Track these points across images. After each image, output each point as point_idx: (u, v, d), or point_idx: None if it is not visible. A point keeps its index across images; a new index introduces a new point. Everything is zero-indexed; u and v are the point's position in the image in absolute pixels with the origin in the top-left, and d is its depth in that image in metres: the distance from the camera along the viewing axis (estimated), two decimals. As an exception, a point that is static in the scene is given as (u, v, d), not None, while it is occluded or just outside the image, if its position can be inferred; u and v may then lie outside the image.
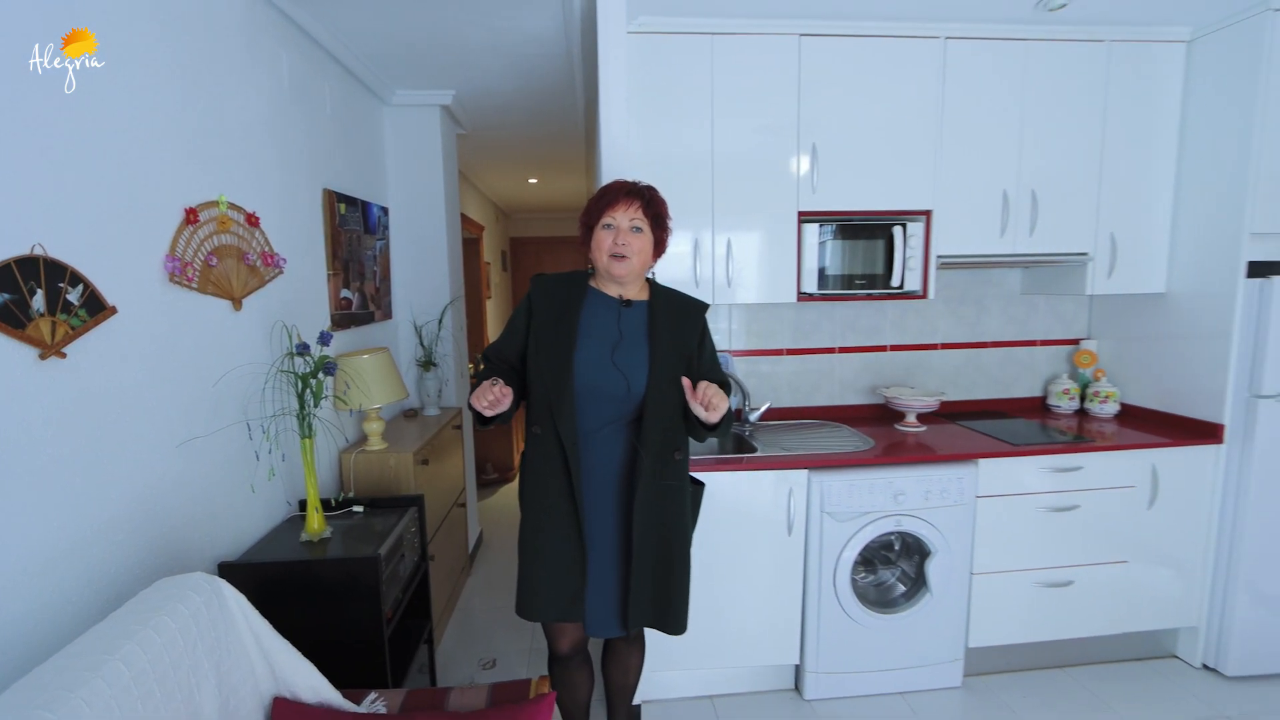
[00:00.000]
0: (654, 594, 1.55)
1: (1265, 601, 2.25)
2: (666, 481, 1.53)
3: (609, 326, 1.54)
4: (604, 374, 1.49)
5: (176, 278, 1.44)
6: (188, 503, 1.48)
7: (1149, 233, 2.39)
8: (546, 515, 1.52)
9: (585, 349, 1.50)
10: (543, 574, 1.52)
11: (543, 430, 1.51)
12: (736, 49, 2.14)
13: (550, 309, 1.54)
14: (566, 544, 1.51)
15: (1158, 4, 2.10)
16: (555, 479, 1.50)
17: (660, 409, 1.50)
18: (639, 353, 1.52)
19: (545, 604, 1.53)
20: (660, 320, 1.55)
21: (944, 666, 2.26)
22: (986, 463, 2.17)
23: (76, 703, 0.85)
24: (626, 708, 1.85)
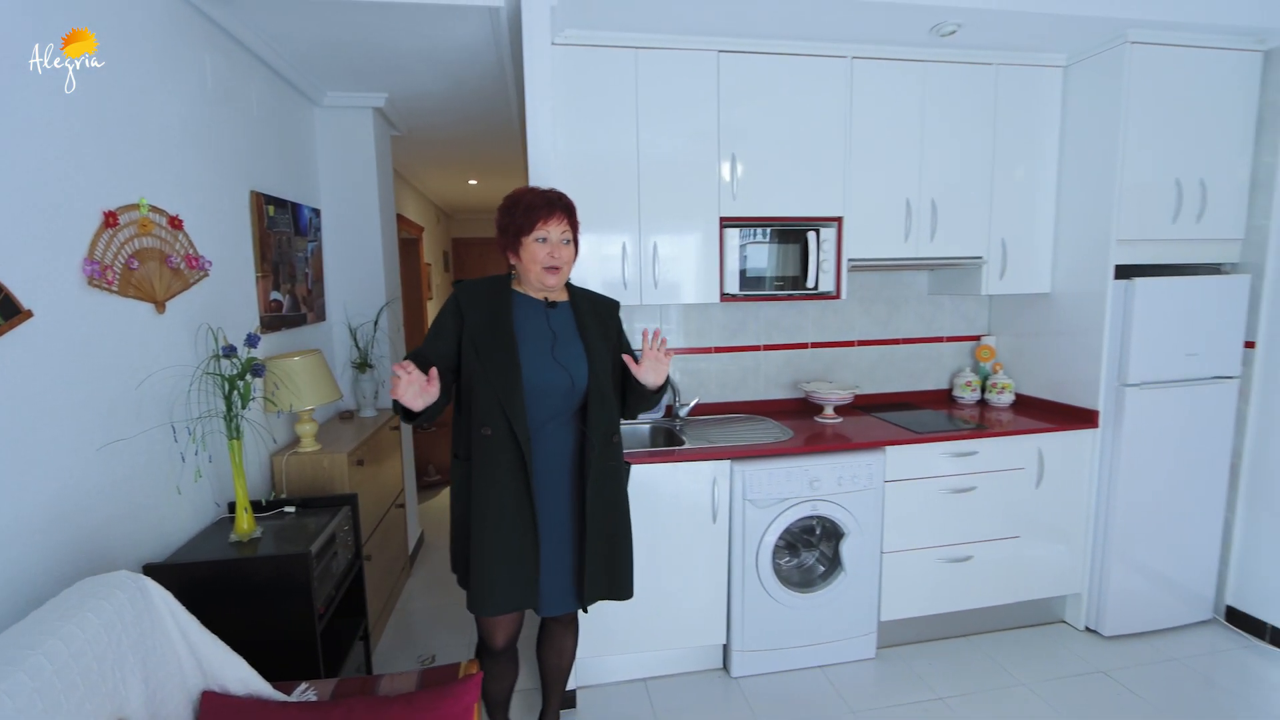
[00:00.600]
0: (605, 567, 1.67)
1: (1135, 568, 2.52)
2: (611, 463, 1.67)
3: (541, 327, 1.64)
4: (549, 372, 1.59)
5: (96, 281, 1.44)
6: (111, 505, 1.48)
7: (1035, 238, 2.64)
8: (501, 511, 1.57)
9: (526, 350, 1.59)
10: (499, 568, 1.57)
11: (494, 430, 1.56)
12: (659, 62, 2.26)
13: (482, 314, 1.60)
14: (521, 536, 1.58)
15: (1036, 33, 2.33)
16: (510, 475, 1.56)
17: (602, 398, 1.63)
18: (575, 349, 1.63)
19: (502, 597, 1.58)
20: (586, 318, 1.68)
21: (859, 640, 2.44)
22: (893, 450, 2.36)
23: (10, 687, 0.88)
24: (561, 690, 1.93)
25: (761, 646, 2.35)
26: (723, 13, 2.09)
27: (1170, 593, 2.58)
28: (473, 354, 1.57)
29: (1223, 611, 2.65)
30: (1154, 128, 2.36)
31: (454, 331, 1.61)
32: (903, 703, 2.22)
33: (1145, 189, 2.39)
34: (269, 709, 1.29)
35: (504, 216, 1.63)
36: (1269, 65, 2.42)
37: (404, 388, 1.39)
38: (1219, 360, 2.48)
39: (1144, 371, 2.41)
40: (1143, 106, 2.34)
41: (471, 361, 1.57)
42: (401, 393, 1.40)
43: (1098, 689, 2.27)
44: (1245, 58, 2.41)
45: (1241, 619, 2.59)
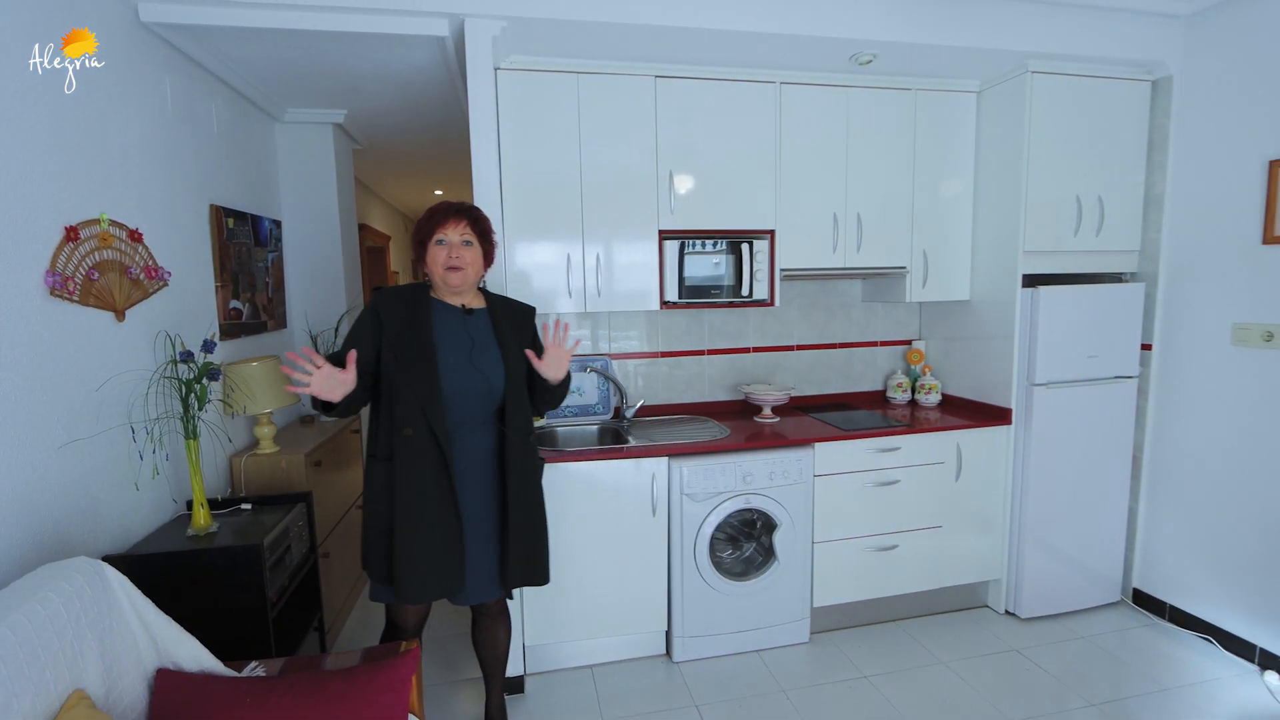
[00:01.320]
0: (525, 556, 1.79)
1: (1048, 554, 2.73)
2: (528, 460, 1.80)
3: (459, 333, 1.74)
4: (467, 376, 1.70)
5: (58, 291, 1.55)
6: (71, 500, 1.58)
7: (954, 250, 2.85)
8: (423, 506, 1.66)
9: (445, 355, 1.69)
10: (423, 560, 1.67)
11: (415, 431, 1.65)
12: (600, 86, 2.42)
13: (400, 320, 1.68)
14: (444, 529, 1.68)
15: (946, 62, 2.54)
16: (431, 473, 1.66)
17: (519, 400, 1.77)
18: (493, 354, 1.75)
19: (428, 586, 1.68)
20: (503, 324, 1.79)
21: (793, 625, 2.61)
22: (822, 446, 2.54)
23: (-33, 655, 1.00)
24: (501, 676, 2.06)
25: (701, 632, 2.50)
26: (656, 43, 2.27)
27: (1082, 577, 2.79)
28: (392, 359, 1.65)
29: (1130, 594, 2.87)
30: (1055, 149, 2.58)
31: (372, 338, 1.68)
32: (831, 681, 2.38)
33: (1049, 205, 2.61)
34: (219, 683, 1.41)
35: (415, 230, 1.75)
36: (1157, 94, 2.66)
37: (319, 382, 1.50)
38: (1119, 361, 2.71)
39: (1049, 372, 2.62)
40: (1045, 130, 2.56)
41: (391, 366, 1.65)
42: (317, 388, 1.50)
43: (1009, 665, 2.46)
44: (1136, 87, 2.65)
45: (1146, 600, 2.81)
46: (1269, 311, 2.33)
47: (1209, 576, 2.55)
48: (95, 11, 1.72)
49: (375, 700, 1.39)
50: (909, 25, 2.31)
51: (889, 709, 2.22)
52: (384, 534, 1.69)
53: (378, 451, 1.71)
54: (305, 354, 1.52)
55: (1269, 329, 2.32)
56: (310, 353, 1.51)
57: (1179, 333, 2.64)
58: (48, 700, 1.14)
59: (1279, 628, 2.32)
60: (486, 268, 1.83)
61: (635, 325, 2.94)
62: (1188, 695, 2.26)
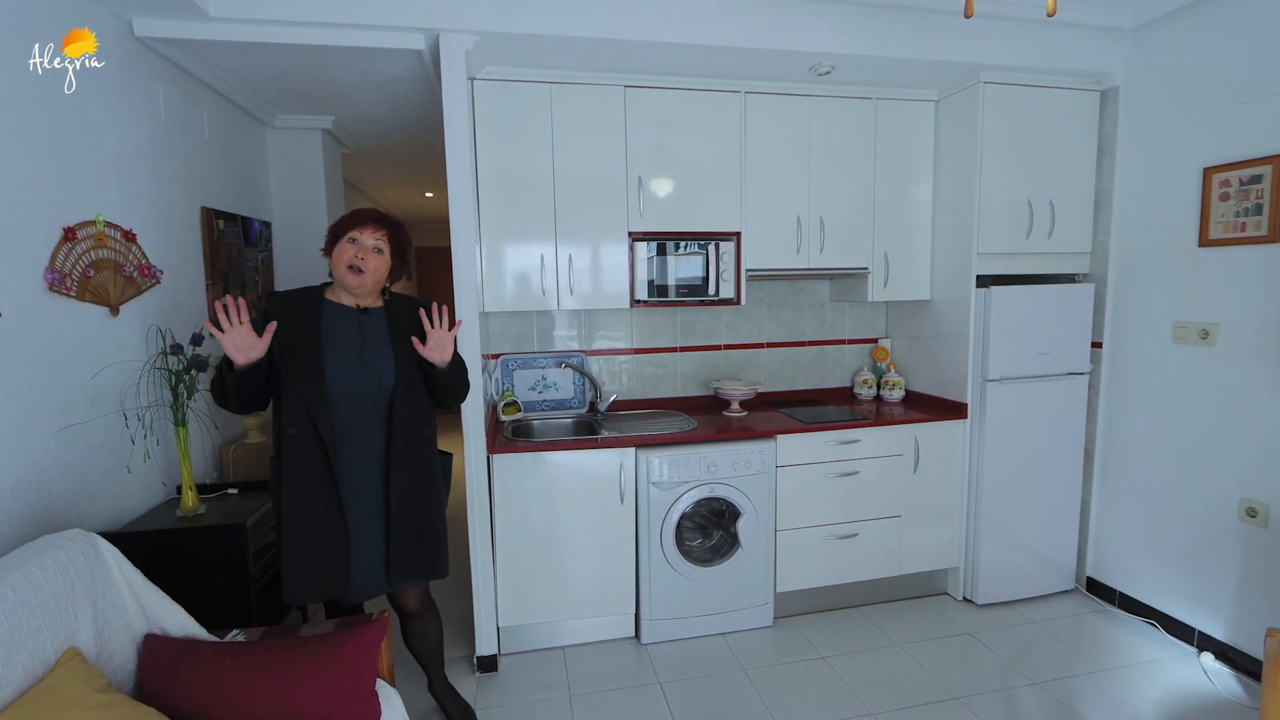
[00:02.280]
0: (416, 551, 1.78)
1: (1003, 543, 2.85)
2: (420, 455, 1.78)
3: (350, 332, 1.72)
4: (356, 374, 1.70)
5: (56, 287, 1.68)
6: (68, 481, 1.71)
7: (915, 251, 2.98)
8: (308, 507, 1.66)
9: (333, 353, 1.68)
10: (309, 561, 1.67)
11: (299, 430, 1.63)
12: (572, 95, 2.55)
13: (289, 321, 1.66)
14: (329, 529, 1.68)
15: (902, 73, 2.67)
16: (315, 472, 1.65)
17: (409, 397, 1.76)
18: (384, 352, 1.74)
19: (314, 587, 1.68)
20: (399, 323, 1.78)
21: (757, 609, 2.73)
22: (784, 438, 2.66)
23: (-28, 609, 1.13)
24: (440, 668, 2.10)
25: (669, 616, 2.62)
26: (624, 56, 2.40)
27: (1037, 565, 2.91)
28: (280, 358, 1.64)
29: (1084, 582, 2.99)
30: (1008, 155, 2.71)
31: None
32: (789, 661, 2.51)
33: (1002, 209, 2.74)
34: (202, 647, 1.53)
35: (333, 224, 1.77)
36: (1105, 103, 2.79)
37: (233, 336, 1.50)
38: (1070, 358, 2.83)
39: (1002, 368, 2.75)
40: (997, 137, 2.69)
41: (279, 366, 1.65)
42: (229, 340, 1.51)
43: (960, 647, 2.58)
44: (1085, 96, 2.78)
45: (1098, 588, 2.93)
46: (1205, 311, 2.45)
47: (1153, 564, 2.68)
48: (92, 26, 1.85)
49: (346, 661, 1.51)
50: (864, 39, 2.44)
51: (840, 686, 2.34)
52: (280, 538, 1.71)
53: (278, 452, 1.70)
54: (238, 305, 1.54)
55: (1205, 327, 2.45)
56: (243, 305, 1.53)
57: (1126, 331, 2.77)
58: (44, 655, 1.27)
59: (1215, 612, 2.45)
60: (392, 281, 1.83)
61: (610, 323, 3.07)
62: (1126, 674, 2.39)
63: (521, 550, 2.46)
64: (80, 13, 1.82)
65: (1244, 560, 2.35)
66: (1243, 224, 2.31)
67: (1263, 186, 2.24)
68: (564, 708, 2.25)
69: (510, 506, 2.43)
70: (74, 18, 1.79)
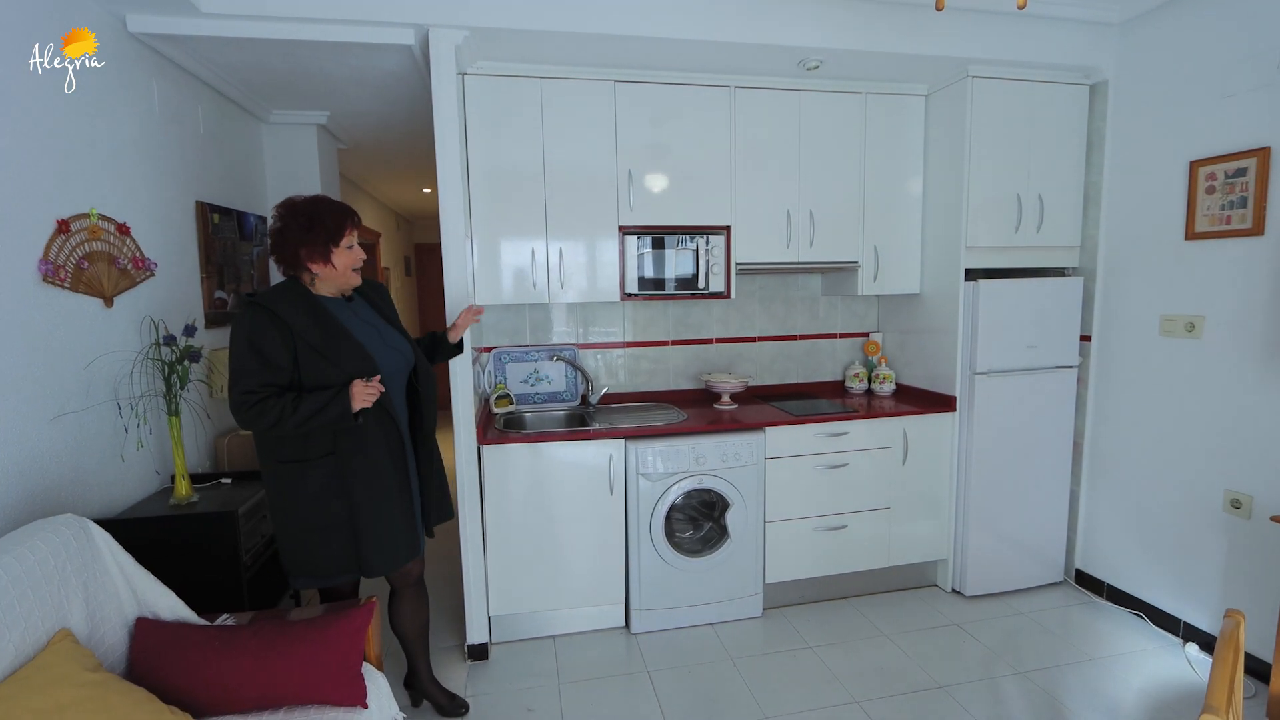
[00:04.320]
0: (442, 496, 1.98)
1: (992, 535, 2.87)
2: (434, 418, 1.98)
3: (355, 320, 1.78)
4: (389, 354, 1.81)
5: (50, 278, 1.71)
6: (62, 468, 1.74)
7: (905, 245, 2.99)
8: (385, 483, 1.76)
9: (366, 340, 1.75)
10: (399, 533, 1.80)
11: (365, 416, 1.68)
12: (562, 90, 2.57)
13: (304, 320, 1.65)
14: (405, 500, 1.83)
15: (890, 67, 2.68)
16: (388, 451, 1.76)
17: (426, 366, 1.95)
18: (391, 331, 1.88)
19: (400, 553, 1.82)
20: (381, 305, 1.92)
21: (747, 600, 2.76)
22: (773, 430, 2.68)
23: (-36, 587, 1.16)
24: (425, 650, 2.13)
25: (658, 606, 2.65)
26: (614, 50, 2.41)
27: (1026, 557, 2.93)
28: (316, 356, 1.63)
29: (1073, 574, 3.01)
30: (996, 150, 2.72)
31: (283, 345, 1.62)
32: (776, 651, 2.53)
33: (990, 203, 2.75)
34: (193, 630, 1.56)
35: (305, 230, 1.67)
36: (1095, 97, 2.80)
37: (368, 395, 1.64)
38: (1058, 351, 2.85)
39: (990, 361, 2.76)
40: (985, 131, 2.70)
41: (317, 363, 1.63)
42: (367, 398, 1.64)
43: (947, 637, 2.61)
44: (1075, 90, 2.79)
45: (1087, 580, 2.95)
46: (1191, 304, 2.47)
47: (1141, 556, 2.69)
48: (85, 21, 1.88)
49: (333, 644, 1.54)
50: (851, 33, 2.45)
51: (827, 675, 2.36)
52: (341, 527, 1.72)
53: (308, 454, 1.68)
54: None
55: (1191, 320, 2.46)
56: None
57: (1115, 324, 2.78)
58: (35, 636, 1.30)
59: (1200, 603, 2.47)
60: None
61: (603, 317, 3.09)
62: (1111, 664, 2.41)
63: (511, 540, 2.49)
64: (74, 9, 1.85)
65: (1228, 551, 2.36)
66: (1228, 217, 2.32)
67: (1247, 179, 2.25)
68: (553, 695, 2.28)
69: (500, 497, 2.46)
70: (69, 14, 1.82)
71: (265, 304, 1.64)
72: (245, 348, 1.61)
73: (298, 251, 1.69)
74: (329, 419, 1.61)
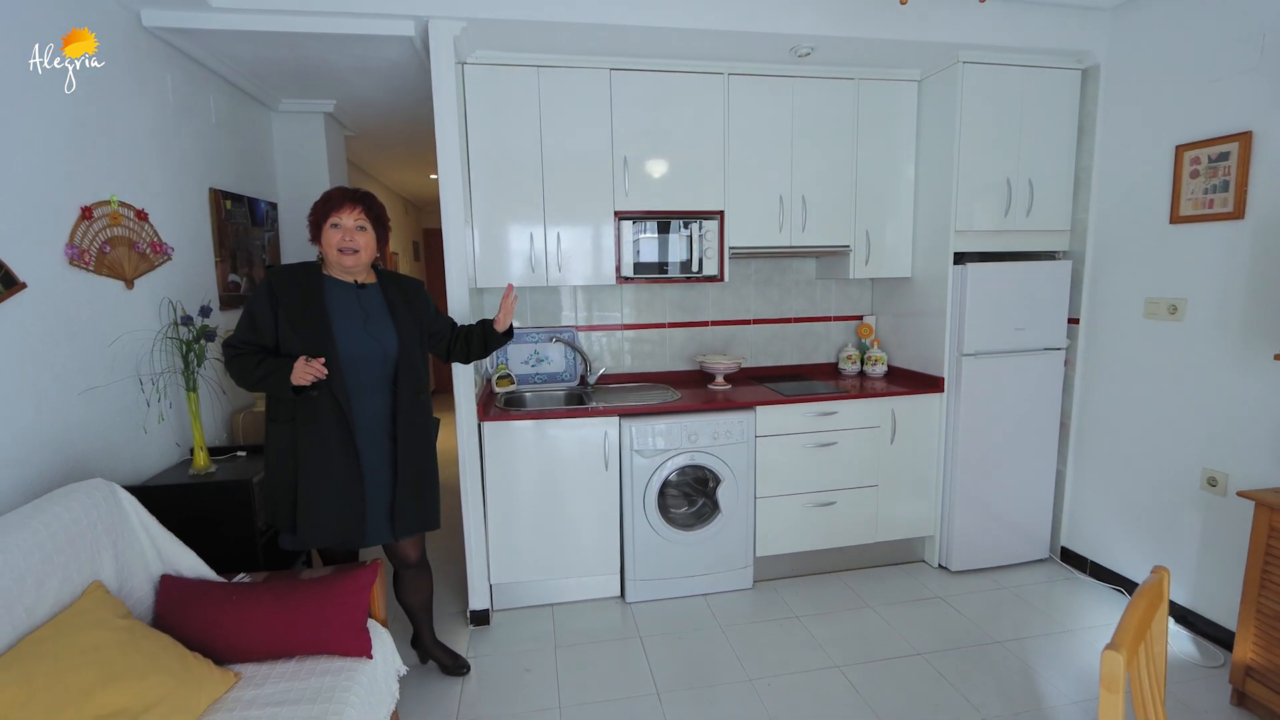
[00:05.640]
0: (416, 505, 1.96)
1: (978, 513, 2.95)
2: (420, 419, 1.96)
3: (352, 305, 1.87)
4: (363, 343, 1.85)
5: (76, 261, 1.83)
6: (90, 440, 1.88)
7: (897, 229, 3.05)
8: (327, 460, 1.81)
9: (340, 324, 1.83)
10: (325, 509, 1.83)
11: (319, 392, 1.79)
12: (559, 78, 2.64)
13: (295, 296, 1.80)
14: (346, 482, 1.84)
15: (881, 54, 2.72)
16: (333, 430, 1.81)
17: (410, 364, 1.92)
18: (385, 324, 1.90)
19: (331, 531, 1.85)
20: (394, 297, 1.95)
21: (738, 572, 2.87)
22: (763, 409, 2.77)
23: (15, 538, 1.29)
24: (429, 622, 2.26)
25: (652, 577, 2.77)
26: (608, 39, 2.48)
27: (1012, 534, 3.01)
28: (289, 329, 1.78)
29: (1059, 551, 3.09)
30: (986, 134, 2.77)
31: (270, 311, 1.79)
32: (764, 620, 2.65)
33: (979, 187, 2.80)
34: (212, 587, 1.70)
35: (313, 208, 1.88)
36: (1086, 81, 2.82)
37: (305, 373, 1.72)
38: (1046, 333, 2.90)
39: (977, 343, 2.83)
40: (975, 116, 2.74)
41: (289, 335, 1.77)
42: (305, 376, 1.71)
43: (930, 609, 2.71)
44: (1067, 75, 2.82)
45: (1072, 557, 3.03)
46: (1175, 286, 2.51)
47: (1123, 533, 2.77)
48: (101, 16, 1.98)
49: (340, 600, 1.67)
50: (841, 21, 2.50)
51: (810, 642, 2.48)
52: (289, 488, 1.83)
53: (278, 415, 1.84)
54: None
55: (1174, 302, 2.51)
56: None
57: (1102, 307, 2.83)
58: (71, 586, 1.44)
59: (1178, 578, 2.54)
60: (381, 250, 1.97)
61: (601, 299, 3.19)
62: (1086, 636, 2.50)
63: (511, 512, 2.61)
64: (91, 5, 1.95)
65: (1203, 528, 2.43)
66: (1210, 200, 2.36)
67: (1229, 164, 2.29)
68: (549, 657, 2.41)
69: (500, 471, 2.58)
70: (86, 11, 1.92)
71: (270, 275, 1.85)
72: (245, 309, 1.85)
73: (310, 234, 1.88)
74: (274, 385, 1.76)
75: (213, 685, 1.46)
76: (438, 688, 2.24)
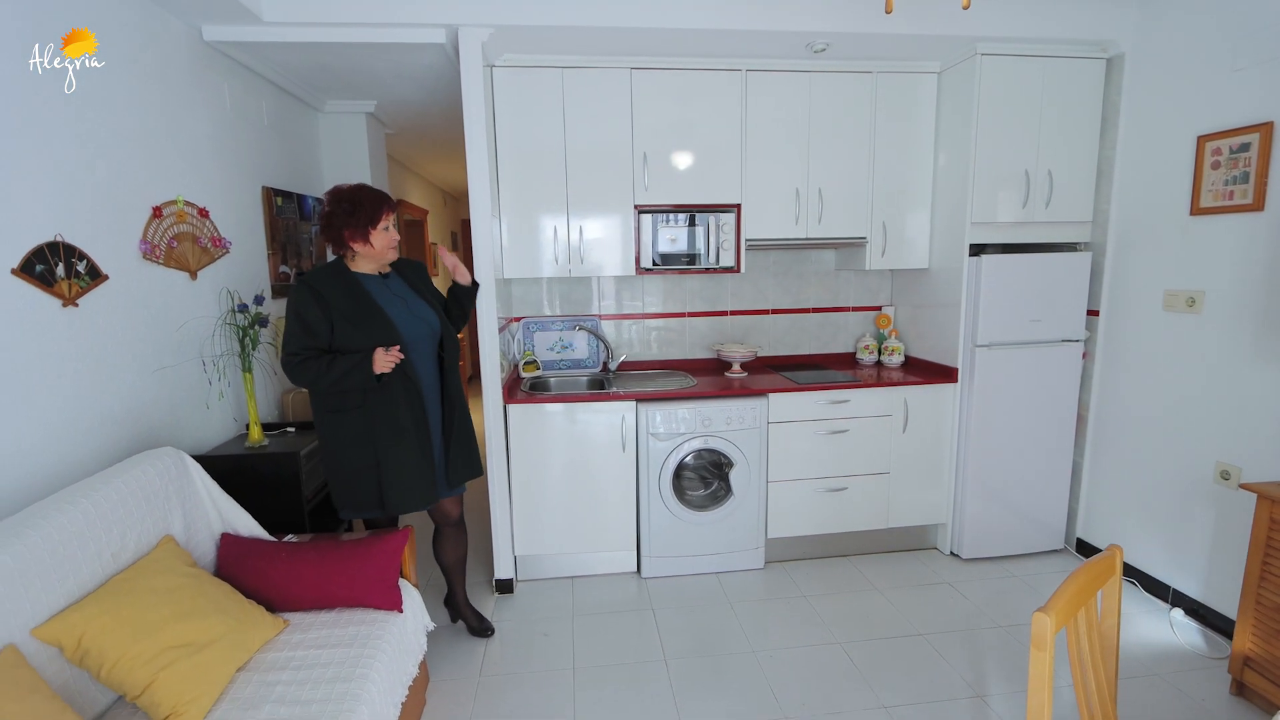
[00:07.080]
0: (468, 456, 2.24)
1: (990, 502, 2.99)
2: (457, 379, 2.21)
3: (388, 294, 2.07)
4: (413, 325, 2.06)
5: (148, 256, 2.07)
6: (160, 414, 2.12)
7: (914, 220, 3.09)
8: (404, 434, 2.03)
9: (393, 311, 2.02)
10: (411, 476, 2.05)
11: (389, 377, 1.98)
12: (582, 78, 2.77)
13: (340, 295, 1.97)
14: (424, 450, 2.08)
15: (895, 47, 2.76)
16: (405, 406, 2.02)
17: (450, 333, 2.19)
18: (422, 304, 2.13)
19: (417, 495, 2.08)
20: (413, 279, 2.18)
21: (750, 553, 2.99)
22: (775, 396, 2.87)
23: (104, 494, 1.52)
24: (462, 578, 2.49)
25: (667, 554, 2.92)
26: (629, 41, 2.59)
27: (1026, 524, 3.04)
28: (349, 327, 1.94)
29: (1074, 543, 3.11)
30: (1004, 126, 2.77)
31: (322, 316, 1.94)
32: (772, 598, 2.77)
33: (997, 179, 2.81)
34: (265, 545, 1.92)
35: (349, 214, 1.97)
36: (1111, 71, 2.80)
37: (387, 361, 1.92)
38: (1064, 325, 2.90)
39: (991, 334, 2.85)
40: (994, 108, 2.75)
41: (348, 332, 1.94)
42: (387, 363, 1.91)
43: (937, 593, 2.78)
44: (1091, 65, 2.79)
45: (1087, 549, 3.04)
46: (1193, 279, 2.50)
47: (1138, 525, 2.77)
48: (169, 35, 2.20)
49: (375, 559, 1.87)
50: (856, 17, 2.55)
51: (815, 619, 2.59)
52: (371, 470, 2.02)
53: (344, 406, 2.00)
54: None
55: (1192, 295, 2.50)
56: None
57: (1122, 299, 2.82)
58: (148, 538, 1.66)
59: (1190, 571, 2.55)
60: None
61: (623, 289, 3.32)
62: (1092, 623, 2.53)
63: (534, 490, 2.79)
64: (157, 23, 2.16)
65: (1216, 521, 2.44)
66: (1230, 192, 2.34)
67: (1250, 154, 2.27)
68: (567, 624, 2.59)
69: (524, 451, 2.75)
70: (154, 31, 2.14)
71: (309, 282, 1.97)
72: (293, 318, 1.96)
73: (342, 233, 1.99)
74: (355, 380, 1.93)
75: (265, 628, 1.67)
76: (464, 646, 2.44)
